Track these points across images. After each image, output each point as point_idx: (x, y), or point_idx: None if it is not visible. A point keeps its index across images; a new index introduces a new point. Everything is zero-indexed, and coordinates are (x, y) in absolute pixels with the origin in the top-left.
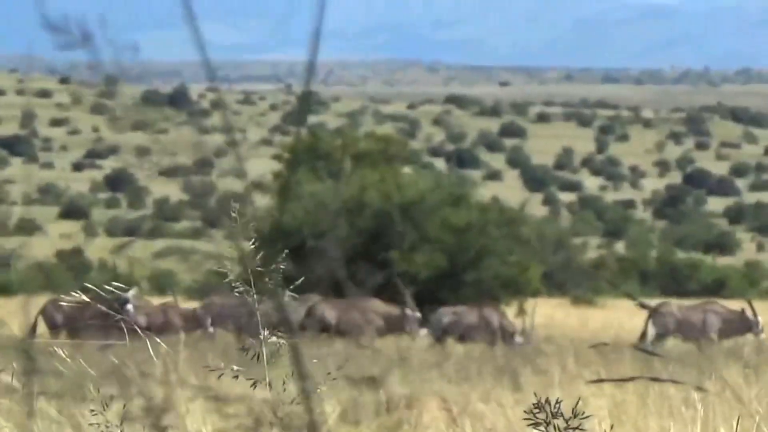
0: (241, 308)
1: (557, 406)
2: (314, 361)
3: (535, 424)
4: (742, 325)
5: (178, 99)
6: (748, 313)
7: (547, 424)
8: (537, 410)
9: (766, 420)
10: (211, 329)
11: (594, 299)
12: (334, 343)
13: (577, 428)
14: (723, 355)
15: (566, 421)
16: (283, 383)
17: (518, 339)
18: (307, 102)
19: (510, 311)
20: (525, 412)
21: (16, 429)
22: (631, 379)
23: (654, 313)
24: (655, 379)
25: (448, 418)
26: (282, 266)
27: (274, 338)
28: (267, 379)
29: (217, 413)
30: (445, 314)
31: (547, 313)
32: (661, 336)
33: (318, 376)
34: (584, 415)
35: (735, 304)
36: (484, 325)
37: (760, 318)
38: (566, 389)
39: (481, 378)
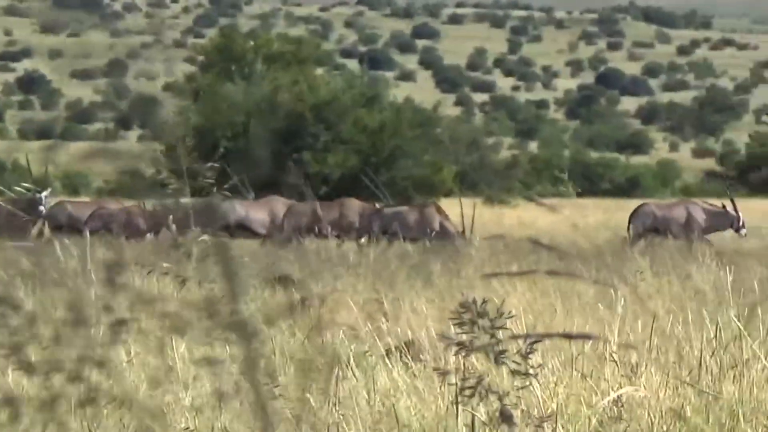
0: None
1: (483, 306)
2: (244, 259)
3: (460, 324)
4: (726, 219)
5: (89, 2)
6: (730, 208)
7: (473, 323)
8: (463, 310)
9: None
10: (174, 228)
11: (507, 199)
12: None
13: (501, 327)
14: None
15: (491, 320)
16: (209, 282)
17: (464, 240)
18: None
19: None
20: (451, 312)
21: None
22: (530, 272)
23: (634, 212)
24: (552, 273)
25: (364, 315)
26: (216, 165)
27: (204, 237)
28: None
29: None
30: (386, 214)
31: (461, 213)
32: (641, 234)
33: (244, 275)
34: (509, 315)
35: (651, 201)
36: (425, 224)
37: (741, 214)
38: (481, 289)
39: (397, 277)
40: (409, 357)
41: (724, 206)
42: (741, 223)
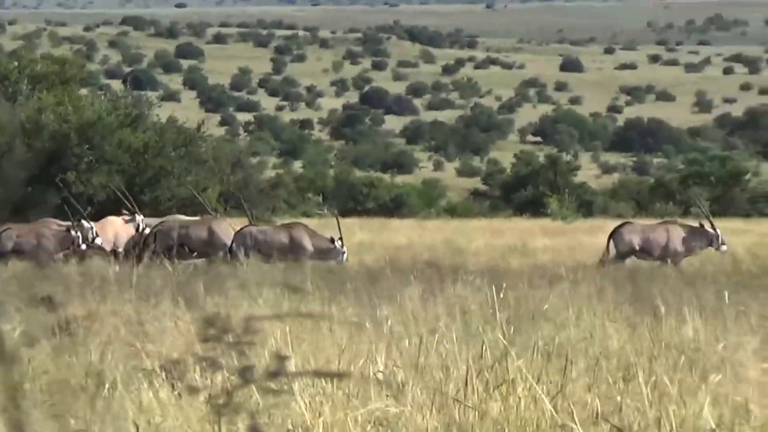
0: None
1: (228, 321)
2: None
3: (205, 340)
4: (706, 238)
5: None
6: (708, 227)
7: (218, 339)
8: (208, 326)
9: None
10: None
11: (272, 218)
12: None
13: (248, 343)
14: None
15: (238, 336)
16: None
17: (342, 249)
18: None
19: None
20: (198, 328)
21: None
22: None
23: (615, 233)
24: (303, 315)
25: (125, 334)
26: None
27: None
28: None
29: None
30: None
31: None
32: (623, 255)
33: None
34: (255, 332)
35: (411, 222)
36: (296, 245)
37: (719, 231)
38: (249, 310)
39: (163, 297)
40: (175, 376)
41: (701, 225)
42: (720, 240)
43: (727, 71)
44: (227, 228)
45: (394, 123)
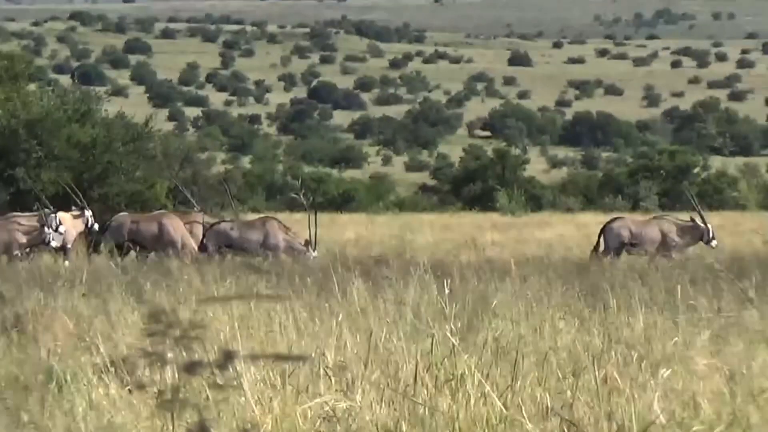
0: None
1: (173, 316)
2: None
3: (151, 335)
4: (697, 233)
5: None
6: (698, 221)
7: (163, 334)
8: (153, 321)
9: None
10: None
11: (221, 213)
12: None
13: (194, 338)
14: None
15: (183, 330)
16: None
17: (312, 253)
18: None
19: None
20: (143, 323)
21: None
22: (242, 297)
23: (605, 228)
24: (265, 297)
25: (74, 330)
26: None
27: None
28: None
29: None
30: (222, 230)
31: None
32: (614, 249)
33: None
34: (202, 326)
35: (360, 216)
36: (270, 243)
37: (710, 226)
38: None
39: (112, 293)
40: (125, 372)
41: (692, 219)
42: (711, 235)
43: (675, 65)
44: (178, 224)
45: (342, 118)
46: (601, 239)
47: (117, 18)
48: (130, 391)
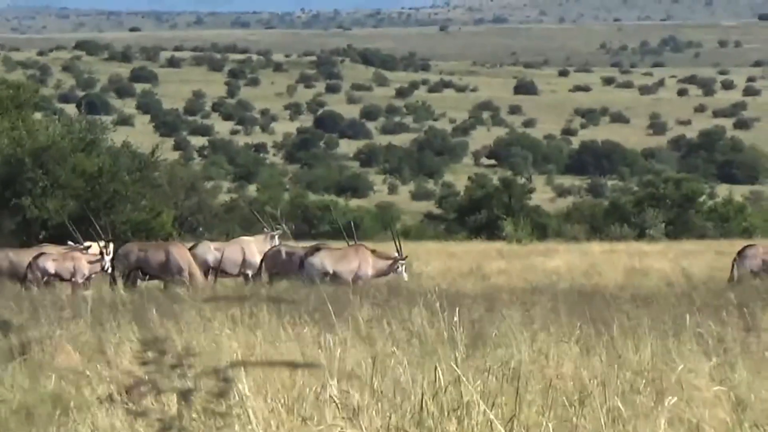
0: None
1: (167, 343)
2: None
3: (144, 363)
4: None
5: None
6: None
7: (157, 362)
8: (146, 348)
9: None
10: None
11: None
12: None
13: (189, 366)
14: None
15: (178, 358)
16: None
17: (402, 270)
18: None
19: None
20: (137, 351)
21: None
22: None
23: (739, 255)
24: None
25: (84, 359)
26: None
27: None
28: None
29: None
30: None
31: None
32: (749, 274)
33: None
34: (194, 352)
35: (370, 244)
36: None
37: None
38: (207, 333)
39: (115, 321)
40: (127, 400)
41: None
42: None
43: (681, 93)
44: (185, 252)
45: (348, 146)
46: (734, 265)
47: (122, 47)
48: (135, 418)
